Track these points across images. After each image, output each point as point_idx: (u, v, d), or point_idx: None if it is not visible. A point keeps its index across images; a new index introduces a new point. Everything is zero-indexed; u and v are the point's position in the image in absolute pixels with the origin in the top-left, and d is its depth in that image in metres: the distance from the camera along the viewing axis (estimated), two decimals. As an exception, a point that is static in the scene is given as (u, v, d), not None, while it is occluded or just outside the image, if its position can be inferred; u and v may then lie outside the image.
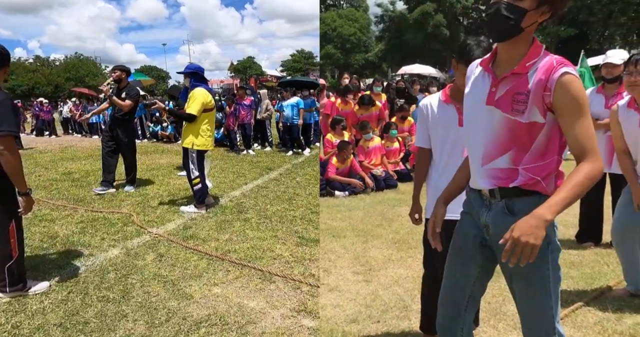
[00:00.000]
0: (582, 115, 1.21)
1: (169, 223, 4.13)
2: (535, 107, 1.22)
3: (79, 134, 14.80)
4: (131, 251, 3.40)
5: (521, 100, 1.23)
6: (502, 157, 1.29)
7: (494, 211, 1.33)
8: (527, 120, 1.23)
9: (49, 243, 3.61)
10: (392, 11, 32.98)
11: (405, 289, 2.78)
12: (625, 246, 2.43)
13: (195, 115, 4.20)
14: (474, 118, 1.34)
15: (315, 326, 2.32)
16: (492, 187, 1.32)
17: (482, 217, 1.37)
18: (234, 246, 3.48)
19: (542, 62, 1.23)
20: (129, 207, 4.73)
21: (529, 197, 1.27)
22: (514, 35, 1.22)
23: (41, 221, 4.24)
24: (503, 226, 1.26)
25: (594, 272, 2.82)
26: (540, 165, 1.26)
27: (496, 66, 1.32)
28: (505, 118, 1.26)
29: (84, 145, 11.53)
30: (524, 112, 1.23)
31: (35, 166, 7.71)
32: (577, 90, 1.20)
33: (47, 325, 2.34)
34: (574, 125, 1.21)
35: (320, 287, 2.78)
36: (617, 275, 2.72)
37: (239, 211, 4.52)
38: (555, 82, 1.20)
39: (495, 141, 1.29)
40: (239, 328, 2.30)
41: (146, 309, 2.50)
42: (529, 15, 1.19)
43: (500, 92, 1.28)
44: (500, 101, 1.27)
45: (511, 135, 1.26)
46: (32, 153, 9.58)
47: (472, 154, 1.38)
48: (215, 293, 2.69)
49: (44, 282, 2.79)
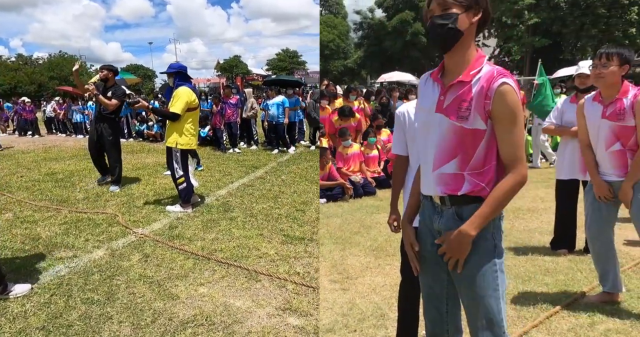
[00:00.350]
0: (515, 125, 1.29)
1: (154, 223, 4.07)
2: (478, 114, 1.29)
3: (63, 134, 14.44)
4: (116, 252, 3.33)
5: (465, 107, 1.30)
6: (450, 163, 1.35)
7: (445, 217, 1.40)
8: (471, 127, 1.30)
9: (31, 245, 3.51)
10: (370, 18, 32.99)
11: (382, 297, 2.69)
12: (601, 243, 2.43)
13: (179, 114, 4.16)
14: (425, 126, 1.41)
15: (301, 325, 2.32)
16: (443, 195, 1.39)
17: (435, 223, 1.43)
18: (220, 245, 3.45)
19: (484, 71, 1.30)
20: (114, 207, 4.64)
21: (476, 204, 1.34)
22: (457, 40, 1.28)
23: (23, 222, 4.13)
24: (454, 231, 1.35)
25: (568, 278, 2.83)
26: (483, 172, 1.33)
27: (444, 76, 1.39)
28: (452, 125, 1.32)
29: (68, 145, 11.25)
30: (467, 119, 1.30)
31: (17, 167, 7.50)
32: (513, 101, 1.27)
33: (29, 329, 2.28)
34: (507, 134, 1.29)
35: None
36: (589, 281, 2.75)
37: (225, 209, 4.48)
38: (494, 91, 1.26)
39: (443, 147, 1.36)
40: (225, 328, 2.28)
41: (132, 311, 2.46)
42: (460, 17, 1.26)
43: (447, 100, 1.34)
44: (448, 109, 1.33)
45: (457, 142, 1.33)
46: (14, 153, 9.31)
47: (424, 160, 1.44)
48: (201, 293, 2.66)
49: (25, 284, 2.71)
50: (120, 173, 5.54)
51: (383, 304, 2.62)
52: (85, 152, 9.18)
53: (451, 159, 1.34)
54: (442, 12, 1.27)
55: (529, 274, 2.90)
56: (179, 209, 4.39)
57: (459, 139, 1.32)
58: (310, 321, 2.35)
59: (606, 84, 2.27)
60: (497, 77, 1.26)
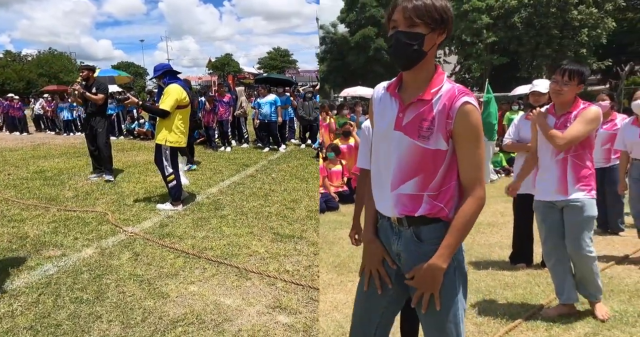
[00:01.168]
0: (477, 145, 1.24)
1: (145, 221, 4.00)
2: (440, 134, 1.23)
3: (51, 131, 14.14)
4: (106, 251, 3.27)
5: (427, 126, 1.24)
6: (409, 183, 1.28)
7: (403, 239, 1.34)
8: (433, 147, 1.24)
9: (18, 244, 3.43)
10: (333, 33, 32.96)
11: (344, 315, 2.52)
12: (555, 258, 2.49)
13: (168, 111, 4.13)
14: (383, 143, 1.33)
15: (291, 322, 2.30)
16: (400, 216, 1.32)
17: (394, 245, 1.36)
18: (211, 243, 3.41)
19: (445, 89, 1.25)
20: (104, 205, 4.56)
21: (434, 224, 1.29)
22: (420, 60, 1.23)
23: (10, 221, 4.03)
24: (414, 252, 1.31)
25: (527, 292, 2.83)
26: (442, 192, 1.27)
27: (402, 91, 1.32)
28: (413, 144, 1.26)
29: (57, 142, 11.02)
30: (429, 139, 1.24)
31: (5, 164, 7.31)
32: (476, 120, 1.23)
33: (17, 329, 2.22)
34: (468, 154, 1.24)
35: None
36: (547, 295, 2.75)
37: (216, 207, 4.43)
38: (456, 110, 1.22)
39: (403, 167, 1.28)
40: (215, 326, 2.26)
41: (121, 310, 2.41)
42: (427, 38, 1.21)
43: (407, 118, 1.27)
44: (408, 127, 1.27)
45: (418, 162, 1.26)
46: (1, 151, 9.08)
47: (381, 179, 1.35)
48: (191, 291, 2.63)
49: None
50: (111, 164, 5.87)
51: (345, 322, 2.42)
52: (75, 150, 9.08)
53: (410, 179, 1.27)
54: (407, 28, 1.20)
55: (489, 289, 2.90)
56: (169, 207, 4.33)
57: (420, 159, 1.26)
58: (299, 319, 2.33)
59: (563, 100, 2.34)
60: (459, 96, 1.22)
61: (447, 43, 31.03)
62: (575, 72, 2.26)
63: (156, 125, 4.42)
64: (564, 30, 24.44)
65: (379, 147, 1.35)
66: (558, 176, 2.36)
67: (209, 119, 8.87)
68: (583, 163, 2.33)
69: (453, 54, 32.75)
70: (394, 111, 1.30)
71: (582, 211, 2.33)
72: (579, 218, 2.35)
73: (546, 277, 3.01)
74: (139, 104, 4.58)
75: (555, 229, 2.45)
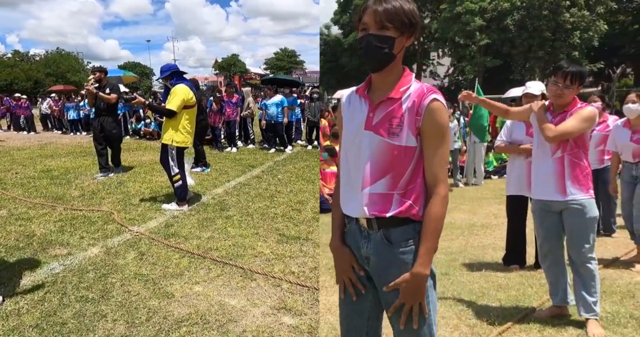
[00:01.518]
0: (442, 143, 1.27)
1: (150, 221, 4.03)
2: (410, 130, 1.27)
3: (58, 131, 14.30)
4: (111, 250, 3.30)
5: (396, 124, 1.27)
6: (380, 182, 1.29)
7: (373, 242, 1.33)
8: (403, 144, 1.27)
9: (25, 242, 3.47)
10: (327, 35, 33.30)
11: (337, 317, 2.48)
12: (550, 261, 2.49)
13: (175, 111, 4.19)
14: (353, 144, 1.34)
15: (295, 324, 2.30)
16: (370, 217, 1.31)
17: (363, 249, 1.36)
18: (216, 243, 3.42)
19: (413, 88, 1.28)
20: (110, 205, 4.60)
21: (404, 226, 1.29)
22: (390, 62, 1.27)
23: (17, 219, 4.08)
24: (384, 255, 1.31)
25: (519, 294, 2.84)
26: (410, 189, 1.29)
27: (372, 93, 1.35)
28: (383, 142, 1.28)
29: (63, 142, 11.14)
30: (399, 135, 1.27)
31: (12, 163, 7.41)
32: (443, 118, 1.26)
33: (23, 326, 2.25)
34: (433, 152, 1.27)
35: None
36: (540, 296, 2.77)
37: (221, 208, 4.45)
38: (425, 108, 1.25)
39: (374, 165, 1.30)
40: (219, 327, 2.26)
41: (126, 309, 2.43)
42: (397, 41, 1.24)
43: (377, 117, 1.30)
44: (378, 126, 1.29)
45: (389, 159, 1.29)
46: (9, 150, 9.20)
47: (350, 180, 1.35)
48: (196, 292, 2.64)
49: None
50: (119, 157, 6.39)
51: (338, 324, 2.40)
52: (81, 149, 9.17)
53: (382, 178, 1.29)
54: (377, 31, 1.23)
55: (482, 290, 2.92)
56: (174, 207, 4.36)
57: (391, 157, 1.28)
58: (304, 320, 2.33)
59: (563, 102, 2.34)
60: (428, 94, 1.25)
61: (441, 45, 31.72)
62: (576, 75, 2.25)
63: (163, 125, 4.46)
64: (556, 33, 24.80)
65: (348, 149, 1.37)
66: (555, 175, 2.33)
67: (216, 120, 8.92)
68: (580, 161, 2.30)
69: (446, 56, 33.07)
70: (363, 112, 1.33)
71: (583, 212, 2.29)
72: (580, 221, 2.31)
73: (539, 279, 3.04)
74: (145, 103, 4.64)
75: (552, 232, 2.43)
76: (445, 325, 2.42)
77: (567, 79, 2.25)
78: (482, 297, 2.80)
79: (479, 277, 3.19)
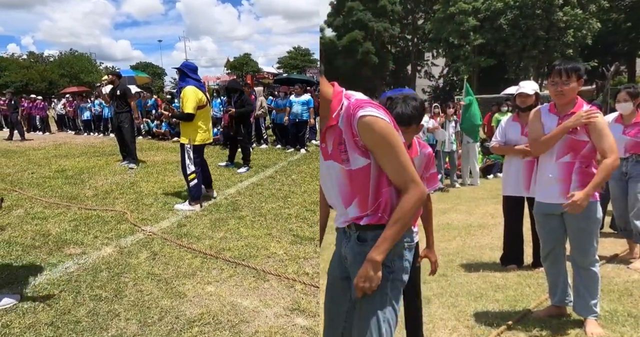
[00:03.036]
0: (392, 150, 1.29)
1: (163, 221, 4.12)
2: (355, 152, 1.31)
3: (72, 131, 14.73)
4: (124, 249, 3.39)
5: (343, 150, 1.32)
6: (351, 208, 1.38)
7: (351, 241, 1.43)
8: (355, 167, 1.32)
9: (41, 241, 3.60)
10: (321, 37, 33.72)
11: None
12: (550, 261, 2.52)
13: (192, 113, 4.37)
14: (325, 174, 1.43)
15: (309, 325, 2.33)
16: (350, 222, 1.42)
17: (343, 248, 1.47)
18: (228, 244, 3.48)
19: (345, 109, 1.31)
20: (123, 204, 4.71)
21: (378, 230, 1.36)
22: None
23: (33, 219, 4.22)
24: (357, 254, 1.39)
25: (517, 294, 2.88)
26: (380, 201, 1.35)
27: (322, 122, 1.40)
28: (342, 169, 1.34)
29: (77, 142, 11.46)
30: (349, 161, 1.32)
31: (29, 163, 7.67)
32: (380, 129, 1.27)
33: (38, 324, 2.33)
34: (388, 161, 1.30)
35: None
36: (537, 296, 2.80)
37: (234, 208, 4.51)
38: (357, 126, 1.28)
39: (343, 192, 1.38)
40: (232, 327, 2.30)
41: (139, 308, 2.50)
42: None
43: (329, 146, 1.36)
44: (333, 155, 1.36)
45: (351, 185, 1.35)
46: (25, 150, 9.52)
47: (333, 203, 1.48)
48: (208, 292, 2.69)
49: (10, 297, 2.54)
50: (135, 153, 7.21)
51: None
52: (94, 150, 9.45)
53: (352, 203, 1.37)
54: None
55: (480, 291, 2.96)
56: (187, 207, 4.44)
57: (350, 182, 1.34)
58: (317, 322, 2.35)
59: (566, 101, 2.32)
60: (355, 112, 1.27)
61: (435, 46, 32.64)
62: (571, 69, 2.25)
63: (180, 126, 4.68)
64: (550, 32, 25.58)
65: (324, 180, 1.46)
66: (561, 179, 2.33)
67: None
68: (589, 168, 2.30)
69: (441, 57, 33.75)
70: (319, 142, 1.43)
71: (587, 215, 2.28)
72: (584, 224, 2.31)
73: (537, 278, 3.11)
74: (169, 116, 5.42)
75: (555, 234, 2.45)
76: (443, 327, 2.48)
77: (563, 75, 2.26)
78: (481, 298, 2.85)
79: (476, 277, 3.23)
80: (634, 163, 3.39)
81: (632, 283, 2.99)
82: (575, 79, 2.26)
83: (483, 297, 2.86)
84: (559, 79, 2.27)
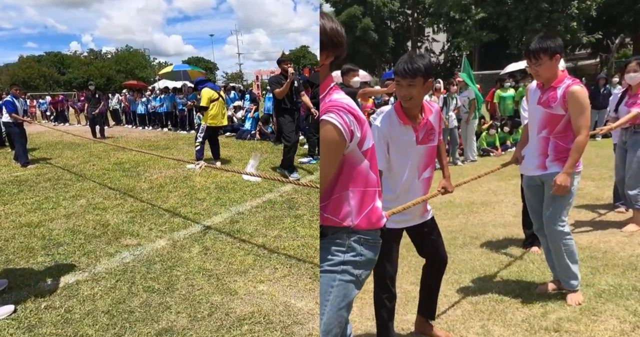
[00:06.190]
0: (324, 156, 1.42)
1: (215, 216, 4.32)
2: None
3: (129, 125, 15.95)
4: (177, 243, 3.60)
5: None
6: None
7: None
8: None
9: (101, 231, 3.94)
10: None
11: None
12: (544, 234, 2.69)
13: (205, 106, 6.92)
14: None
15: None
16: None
17: None
18: (283, 243, 3.56)
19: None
20: (177, 198, 5.01)
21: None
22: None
23: (95, 209, 4.64)
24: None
25: (521, 270, 3.11)
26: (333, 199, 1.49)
27: None
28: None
29: (133, 136, 12.38)
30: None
31: (90, 156, 8.47)
32: (325, 135, 1.37)
33: (96, 311, 2.55)
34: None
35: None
36: (541, 272, 3.03)
37: (290, 206, 4.61)
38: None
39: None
40: (283, 328, 2.35)
41: (189, 302, 2.64)
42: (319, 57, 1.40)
43: None
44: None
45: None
46: (87, 143, 10.47)
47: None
48: (260, 290, 2.77)
49: (8, 306, 2.62)
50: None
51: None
52: (149, 144, 10.14)
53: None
54: None
55: (483, 268, 3.19)
56: (192, 166, 5.66)
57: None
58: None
59: (545, 77, 2.53)
60: (322, 114, 1.36)
61: (435, 20, 33.18)
62: (538, 50, 2.44)
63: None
64: (554, 4, 25.65)
65: None
66: (539, 153, 2.60)
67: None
68: (566, 144, 2.50)
69: (441, 32, 34.48)
70: None
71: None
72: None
73: (540, 254, 3.28)
74: (194, 105, 7.91)
75: (540, 206, 2.66)
76: (447, 303, 2.66)
77: (532, 57, 2.48)
78: (484, 275, 3.07)
79: (479, 254, 3.47)
80: (632, 133, 3.79)
81: (636, 257, 3.16)
82: (548, 58, 2.44)
83: (486, 273, 3.09)
84: (529, 61, 2.53)
